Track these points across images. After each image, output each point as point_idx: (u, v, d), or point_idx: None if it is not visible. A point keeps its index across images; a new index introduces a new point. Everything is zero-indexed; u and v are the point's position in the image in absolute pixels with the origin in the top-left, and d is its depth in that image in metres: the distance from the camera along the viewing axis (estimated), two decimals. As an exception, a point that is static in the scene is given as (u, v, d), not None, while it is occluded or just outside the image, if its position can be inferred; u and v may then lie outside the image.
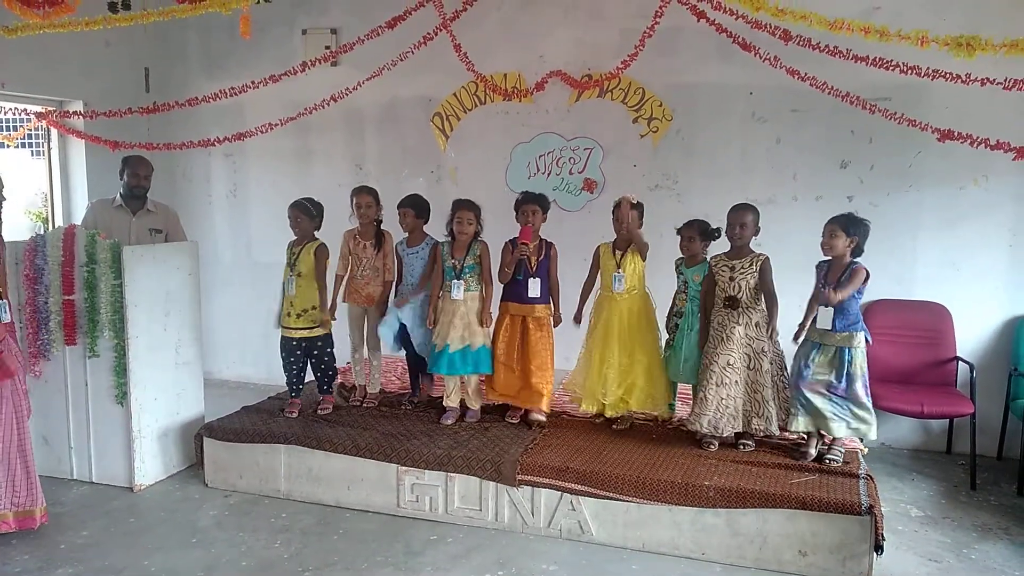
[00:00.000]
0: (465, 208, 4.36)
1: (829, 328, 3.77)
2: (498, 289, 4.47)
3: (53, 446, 4.43)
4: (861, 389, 3.75)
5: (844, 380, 3.74)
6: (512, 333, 4.41)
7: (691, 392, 4.28)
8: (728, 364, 3.92)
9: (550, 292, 4.39)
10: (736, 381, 3.92)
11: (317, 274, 4.45)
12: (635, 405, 4.29)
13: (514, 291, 4.40)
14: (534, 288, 4.32)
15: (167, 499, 4.25)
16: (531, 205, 4.31)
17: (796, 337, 3.85)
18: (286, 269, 4.51)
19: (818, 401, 3.78)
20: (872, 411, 3.78)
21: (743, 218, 3.94)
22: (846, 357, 3.74)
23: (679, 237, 4.23)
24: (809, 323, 3.84)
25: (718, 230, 4.15)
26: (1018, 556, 3.65)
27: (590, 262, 4.40)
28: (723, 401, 3.91)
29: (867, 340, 3.80)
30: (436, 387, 4.82)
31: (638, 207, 4.23)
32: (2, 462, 3.66)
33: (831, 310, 3.75)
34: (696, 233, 4.18)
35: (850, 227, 3.74)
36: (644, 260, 4.24)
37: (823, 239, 3.79)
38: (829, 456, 3.77)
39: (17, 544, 3.68)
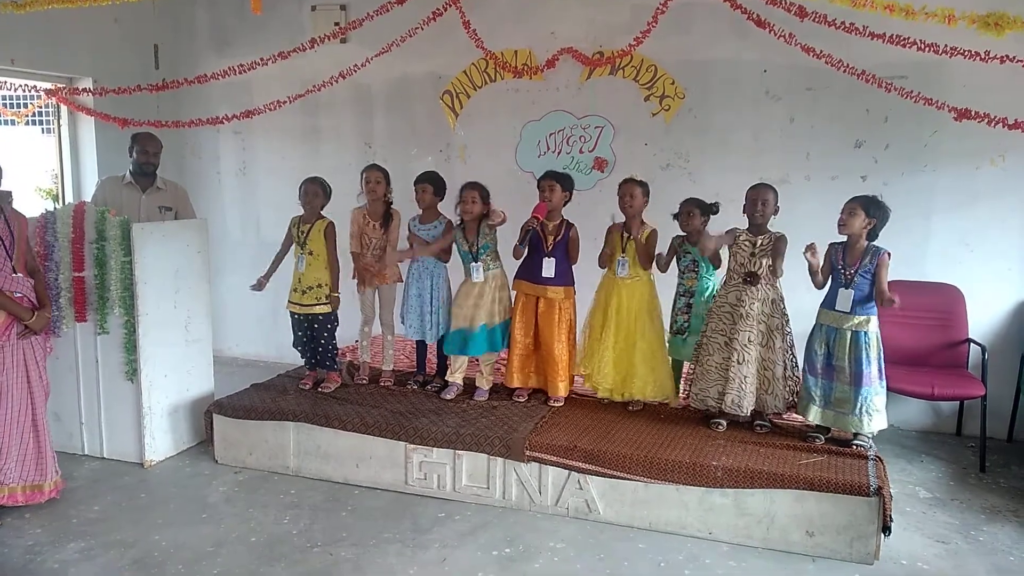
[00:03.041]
0: (470, 188, 4.32)
1: (848, 311, 3.73)
2: (513, 267, 4.43)
3: (64, 422, 4.46)
4: (877, 374, 3.72)
5: (863, 364, 3.69)
6: (526, 314, 4.37)
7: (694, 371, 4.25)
8: (748, 341, 3.90)
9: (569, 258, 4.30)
10: (755, 358, 3.91)
11: (329, 254, 4.47)
12: (637, 392, 4.26)
13: (527, 269, 4.35)
14: (548, 268, 4.27)
15: (177, 475, 4.28)
16: (548, 180, 4.25)
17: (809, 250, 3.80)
18: (295, 246, 4.51)
19: (839, 391, 3.75)
20: (885, 398, 3.76)
21: (764, 195, 3.91)
22: (863, 340, 3.71)
23: (678, 218, 4.21)
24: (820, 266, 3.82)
25: (716, 204, 4.15)
26: (1027, 539, 3.65)
27: (601, 240, 4.38)
28: (745, 379, 3.90)
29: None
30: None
31: (642, 185, 4.20)
32: (14, 437, 3.70)
33: (851, 292, 3.72)
34: (695, 207, 4.16)
35: (871, 208, 3.68)
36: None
37: (841, 216, 3.74)
38: (857, 443, 3.74)
39: (30, 519, 3.72)
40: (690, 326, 4.26)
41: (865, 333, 3.71)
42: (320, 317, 4.53)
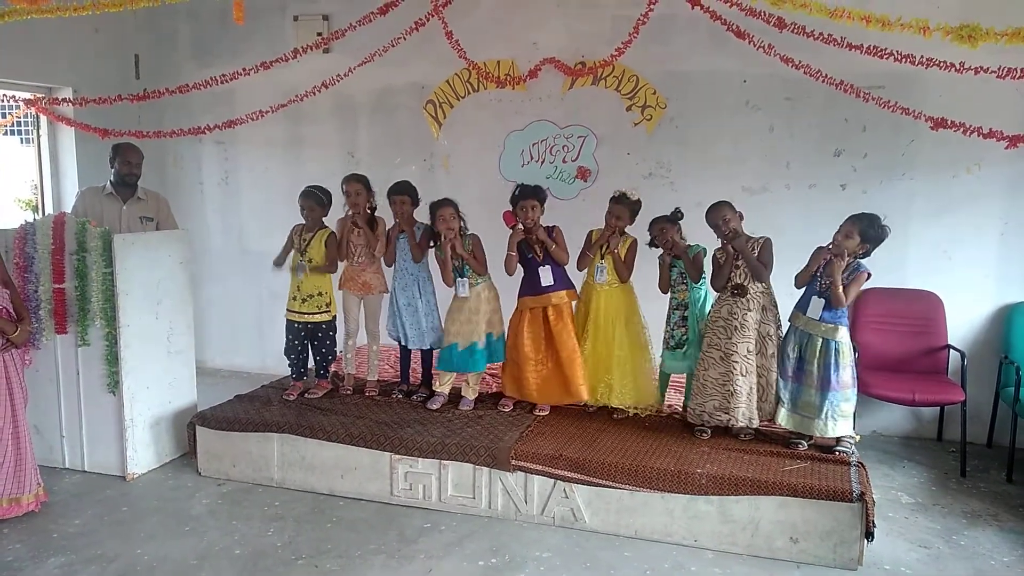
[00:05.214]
0: (442, 206, 4.29)
1: (817, 318, 3.76)
2: (512, 285, 4.40)
3: (44, 435, 4.40)
4: (849, 381, 3.74)
5: (831, 370, 3.71)
6: (535, 329, 4.32)
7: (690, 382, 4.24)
8: (748, 351, 3.92)
9: (556, 260, 4.26)
10: (755, 368, 3.93)
11: (328, 261, 4.49)
12: (614, 399, 4.26)
13: (528, 284, 4.34)
14: (546, 276, 4.25)
15: (160, 488, 4.24)
16: (529, 200, 4.21)
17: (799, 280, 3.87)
18: (295, 254, 4.52)
19: (806, 395, 3.77)
20: (854, 405, 3.78)
21: (722, 213, 3.94)
22: (832, 347, 3.73)
23: (653, 242, 4.24)
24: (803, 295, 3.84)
25: (676, 210, 4.19)
26: (1007, 542, 3.69)
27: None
28: (752, 390, 3.91)
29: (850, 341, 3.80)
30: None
31: (622, 201, 4.19)
32: (-7, 450, 3.67)
33: (822, 301, 3.74)
34: (665, 223, 4.19)
35: (868, 233, 3.66)
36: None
37: (836, 236, 3.72)
38: (839, 448, 3.77)
39: (9, 533, 3.67)
40: (688, 339, 4.24)
41: (836, 341, 3.74)
42: (323, 325, 4.57)
